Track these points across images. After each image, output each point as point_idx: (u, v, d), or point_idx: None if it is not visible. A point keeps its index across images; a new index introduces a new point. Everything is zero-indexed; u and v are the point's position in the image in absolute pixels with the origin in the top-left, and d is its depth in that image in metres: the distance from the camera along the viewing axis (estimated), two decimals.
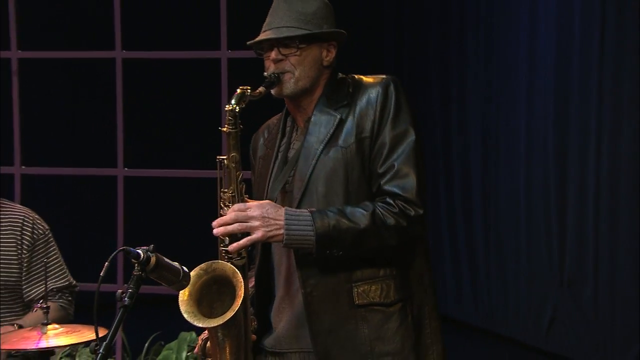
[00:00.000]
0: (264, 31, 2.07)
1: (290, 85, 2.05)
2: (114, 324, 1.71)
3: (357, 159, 2.01)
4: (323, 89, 2.08)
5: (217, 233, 1.99)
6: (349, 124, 2.03)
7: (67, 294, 2.78)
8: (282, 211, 1.97)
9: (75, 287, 2.82)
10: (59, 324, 2.50)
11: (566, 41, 4.80)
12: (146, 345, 3.96)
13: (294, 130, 2.12)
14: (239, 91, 2.01)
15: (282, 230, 1.95)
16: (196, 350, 2.15)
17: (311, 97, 2.08)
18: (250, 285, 2.10)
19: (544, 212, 4.99)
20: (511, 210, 5.30)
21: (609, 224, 4.55)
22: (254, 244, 2.02)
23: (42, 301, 2.44)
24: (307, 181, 2.02)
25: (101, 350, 1.65)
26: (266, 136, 2.19)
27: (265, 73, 2.05)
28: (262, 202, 2.00)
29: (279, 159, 2.12)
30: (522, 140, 5.19)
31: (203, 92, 4.85)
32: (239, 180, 2.01)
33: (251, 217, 1.95)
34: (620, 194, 4.50)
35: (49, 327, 2.39)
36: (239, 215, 1.96)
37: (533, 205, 5.09)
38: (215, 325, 1.95)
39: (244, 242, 1.97)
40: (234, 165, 2.00)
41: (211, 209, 2.09)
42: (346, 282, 2.01)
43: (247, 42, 2.10)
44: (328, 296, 2.00)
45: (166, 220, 6.01)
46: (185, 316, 1.94)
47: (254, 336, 2.08)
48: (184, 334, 3.75)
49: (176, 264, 1.86)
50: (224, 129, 2.01)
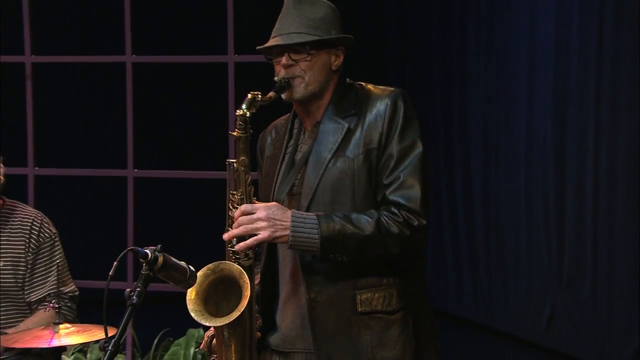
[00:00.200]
0: (274, 37, 2.06)
1: (300, 90, 2.04)
2: (123, 322, 1.71)
3: (363, 169, 2.01)
4: (331, 94, 2.08)
5: (226, 237, 1.98)
6: (357, 134, 2.03)
7: (65, 299, 2.76)
8: (289, 213, 1.97)
9: (75, 292, 2.81)
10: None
11: (565, 44, 4.79)
12: (155, 341, 3.97)
13: (302, 133, 2.12)
14: (249, 96, 2.00)
15: (288, 232, 1.95)
16: (202, 347, 2.15)
17: (320, 102, 2.08)
18: (256, 282, 2.10)
19: (543, 212, 4.97)
20: (511, 210, 5.29)
21: (607, 223, 4.54)
22: (260, 244, 2.01)
23: (54, 301, 2.44)
24: (315, 190, 2.02)
25: (110, 347, 1.65)
26: (274, 136, 2.18)
27: (276, 78, 2.05)
28: (269, 204, 2.00)
29: (286, 160, 2.11)
30: (521, 141, 5.18)
31: (211, 95, 4.86)
32: (247, 183, 2.00)
33: (258, 218, 1.95)
34: (618, 194, 4.49)
35: (60, 326, 2.40)
36: (245, 217, 1.96)
37: (533, 205, 5.08)
38: (222, 324, 1.95)
39: (250, 241, 1.97)
40: (243, 169, 2.00)
41: (218, 209, 2.09)
42: (350, 289, 2.00)
43: (257, 47, 2.09)
44: (332, 302, 2.00)
45: (174, 219, 6.01)
46: (193, 315, 1.94)
47: (258, 334, 2.08)
48: (192, 331, 3.76)
49: (183, 263, 1.86)
50: (234, 133, 2.00)
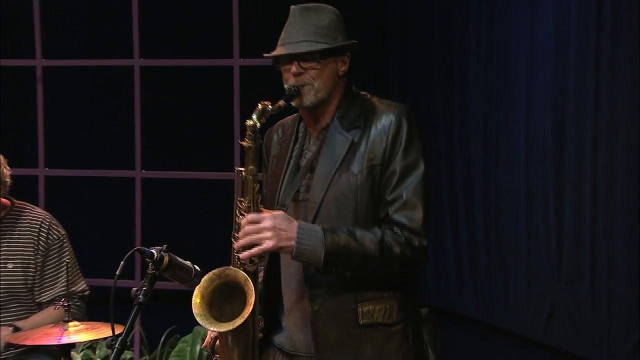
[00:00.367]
0: (282, 45, 2.05)
1: (310, 97, 2.04)
2: (129, 320, 1.71)
3: (366, 185, 2.01)
4: (338, 102, 2.07)
5: (236, 246, 1.97)
6: (362, 149, 2.02)
7: (75, 298, 2.76)
8: (295, 224, 1.95)
9: (86, 291, 2.81)
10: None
11: (564, 45, 4.78)
12: (162, 338, 3.97)
13: (307, 138, 2.11)
14: (260, 107, 1.98)
15: (292, 242, 1.94)
16: (205, 345, 2.14)
17: (327, 107, 2.07)
18: (260, 279, 2.09)
19: (542, 212, 4.97)
20: (511, 210, 5.28)
21: (606, 223, 4.53)
22: (264, 253, 1.99)
23: (64, 299, 2.45)
24: (320, 204, 2.02)
25: (117, 345, 1.65)
26: (280, 135, 2.17)
27: (285, 86, 2.04)
28: (275, 213, 1.98)
29: (291, 165, 2.11)
30: (521, 142, 5.17)
31: (217, 98, 4.87)
32: (255, 192, 1.99)
33: (264, 228, 1.94)
34: (617, 194, 4.48)
35: (69, 324, 2.41)
36: (252, 227, 1.95)
37: (532, 205, 5.08)
38: (225, 330, 1.94)
39: (255, 250, 1.95)
40: (251, 178, 1.99)
41: (223, 209, 2.09)
42: (352, 302, 2.01)
43: (265, 55, 2.08)
44: (334, 315, 2.00)
45: (181, 219, 6.02)
46: (197, 319, 1.93)
47: (260, 334, 2.07)
48: (198, 328, 3.75)
49: (188, 263, 1.86)
50: (244, 142, 1.99)
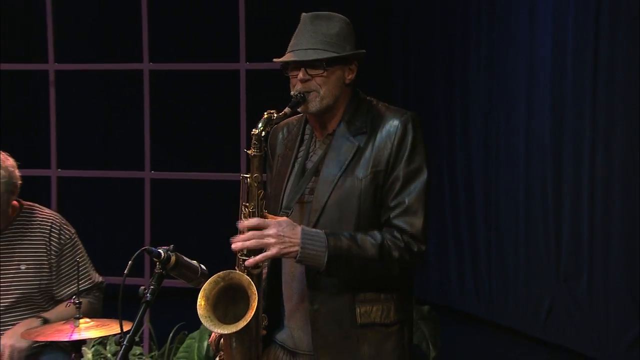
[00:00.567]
0: (291, 51, 2.05)
1: (316, 104, 2.03)
2: (137, 317, 1.72)
3: (370, 189, 2.01)
4: (345, 108, 2.07)
5: (235, 248, 1.97)
6: (367, 154, 2.02)
7: (94, 290, 2.79)
8: (299, 230, 1.95)
9: (102, 283, 2.83)
10: (89, 316, 2.54)
11: (562, 49, 4.78)
12: (171, 334, 3.98)
13: (313, 141, 2.11)
14: (265, 115, 1.99)
15: (296, 248, 1.94)
16: (210, 340, 2.15)
17: (333, 115, 2.07)
18: (263, 276, 2.09)
19: (541, 211, 4.96)
20: (511, 209, 5.28)
21: (603, 222, 4.53)
22: (268, 259, 2.00)
23: (75, 297, 2.46)
24: (324, 206, 2.02)
25: (125, 342, 1.66)
26: (285, 134, 2.16)
27: (292, 92, 2.04)
28: (280, 219, 1.99)
29: (296, 167, 2.10)
30: (521, 144, 5.17)
31: (223, 101, 4.87)
32: (259, 198, 2.00)
33: (268, 235, 1.94)
34: (614, 194, 4.47)
35: (80, 320, 2.42)
36: (256, 233, 1.95)
37: (531, 205, 5.07)
38: (229, 332, 1.94)
39: (260, 257, 1.95)
40: (256, 185, 1.99)
41: (229, 209, 2.09)
42: (350, 302, 2.01)
43: (275, 60, 2.08)
44: (333, 314, 2.01)
45: (189, 219, 6.03)
46: (202, 320, 1.93)
47: (264, 331, 2.08)
48: None
49: (194, 262, 1.86)
50: (250, 151, 1.99)
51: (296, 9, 2.17)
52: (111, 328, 2.40)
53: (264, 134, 1.98)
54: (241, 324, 1.91)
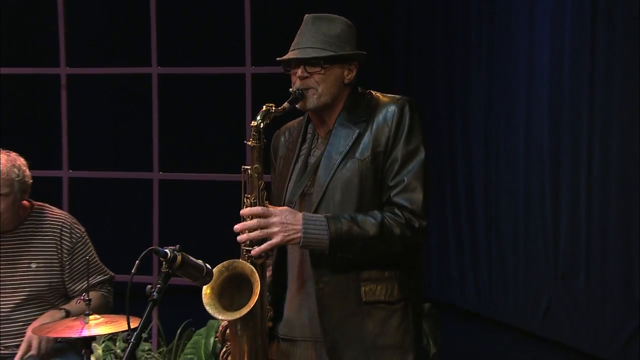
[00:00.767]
0: (292, 50, 2.07)
1: (313, 101, 2.05)
2: (144, 315, 1.73)
3: (371, 170, 2.02)
4: (344, 104, 2.09)
5: (240, 239, 1.99)
6: (366, 138, 2.04)
7: (106, 284, 2.81)
8: (300, 216, 1.97)
9: (113, 277, 2.85)
10: (101, 311, 2.58)
11: (559, 53, 4.78)
12: (179, 331, 3.98)
13: (315, 139, 2.13)
14: (264, 108, 2.01)
15: (299, 234, 1.96)
16: (217, 336, 2.16)
17: (332, 112, 2.09)
18: (268, 274, 2.11)
19: (540, 211, 4.96)
20: (510, 210, 5.28)
21: (600, 222, 4.53)
22: (273, 248, 2.02)
23: (85, 294, 2.47)
24: (326, 188, 2.03)
25: (132, 339, 1.66)
26: (287, 137, 2.18)
27: (291, 89, 2.06)
28: (281, 208, 2.00)
29: (299, 163, 2.12)
30: (520, 145, 5.17)
31: (230, 103, 4.87)
32: (260, 189, 2.01)
33: (271, 224, 1.96)
34: (610, 194, 4.47)
35: (90, 317, 2.43)
36: (260, 221, 1.97)
37: (531, 205, 5.07)
38: (233, 318, 1.96)
39: (265, 246, 1.97)
40: (256, 175, 2.01)
41: (235, 209, 2.09)
42: (355, 281, 2.02)
43: (277, 59, 2.10)
44: (338, 293, 2.01)
45: (195, 218, 6.04)
46: (207, 309, 1.95)
47: (270, 323, 2.09)
48: (212, 322, 3.75)
49: (200, 261, 1.87)
50: (249, 142, 2.02)
51: (301, 13, 2.18)
52: (120, 324, 2.42)
53: (262, 125, 2.00)
54: (245, 309, 1.92)
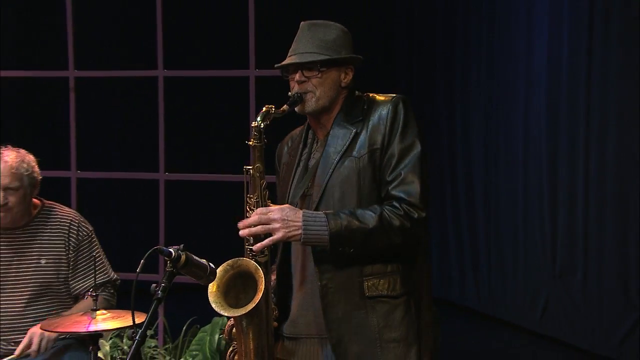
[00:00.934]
0: (290, 56, 2.10)
1: (311, 104, 2.07)
2: (148, 314, 1.74)
3: (368, 167, 2.03)
4: (341, 106, 2.10)
5: (242, 234, 2.01)
6: (363, 136, 2.05)
7: (109, 286, 2.82)
8: (300, 213, 1.98)
9: (117, 280, 2.85)
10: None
11: (557, 57, 4.78)
12: (184, 328, 4.00)
13: (315, 142, 2.15)
14: (264, 109, 2.03)
15: (300, 231, 1.97)
16: (224, 334, 2.17)
17: (330, 114, 2.11)
18: (273, 277, 2.13)
19: (538, 211, 4.97)
20: (510, 210, 5.28)
21: (596, 222, 4.53)
22: (275, 244, 2.03)
23: (92, 290, 2.48)
24: (325, 186, 2.05)
25: (137, 337, 1.68)
26: (290, 145, 2.21)
27: (290, 93, 2.08)
28: (282, 206, 2.02)
29: (300, 166, 2.14)
30: (519, 147, 5.17)
31: (234, 106, 4.88)
32: (262, 188, 2.03)
33: (272, 220, 1.97)
34: (606, 194, 4.47)
35: (97, 312, 2.45)
36: (261, 218, 1.98)
37: (529, 205, 5.08)
38: (238, 315, 1.97)
39: (267, 242, 1.99)
40: (258, 175, 2.03)
41: (239, 210, 2.11)
42: (358, 276, 2.02)
43: (275, 65, 2.13)
44: (341, 288, 2.02)
45: (200, 218, 6.05)
46: (213, 306, 1.96)
47: (275, 323, 2.10)
48: (216, 319, 3.77)
49: (204, 261, 1.88)
50: (251, 142, 2.04)
51: (304, 16, 2.19)
52: (127, 320, 2.43)
53: (263, 125, 2.02)
54: (250, 306, 1.93)
